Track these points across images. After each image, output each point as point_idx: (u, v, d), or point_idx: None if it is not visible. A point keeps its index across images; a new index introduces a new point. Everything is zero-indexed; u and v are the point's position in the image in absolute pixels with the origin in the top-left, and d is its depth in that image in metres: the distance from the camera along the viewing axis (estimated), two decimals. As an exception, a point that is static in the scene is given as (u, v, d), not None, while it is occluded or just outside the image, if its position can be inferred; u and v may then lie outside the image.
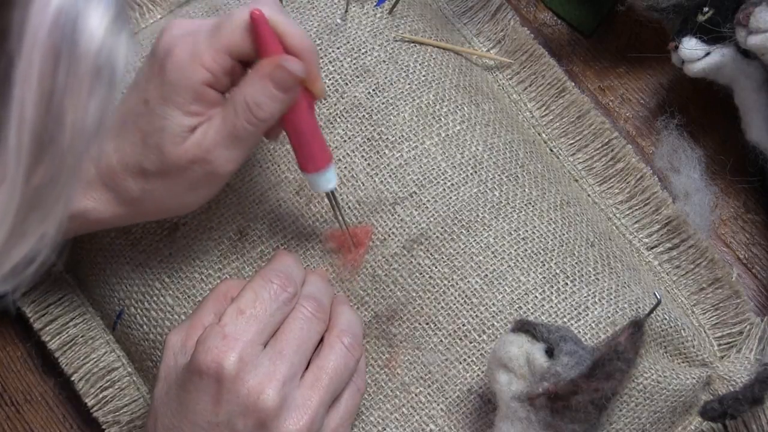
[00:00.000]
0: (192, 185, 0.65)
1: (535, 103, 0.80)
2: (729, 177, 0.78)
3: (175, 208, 0.68)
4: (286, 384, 0.62)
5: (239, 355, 0.61)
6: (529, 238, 0.71)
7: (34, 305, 0.76)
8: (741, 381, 0.71)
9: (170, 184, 0.64)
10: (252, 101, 0.62)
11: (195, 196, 0.66)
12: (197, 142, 0.63)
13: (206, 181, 0.65)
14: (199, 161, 0.63)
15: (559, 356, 0.61)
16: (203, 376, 0.61)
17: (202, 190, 0.66)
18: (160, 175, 0.64)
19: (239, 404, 0.61)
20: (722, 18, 0.72)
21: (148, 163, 0.64)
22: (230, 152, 0.63)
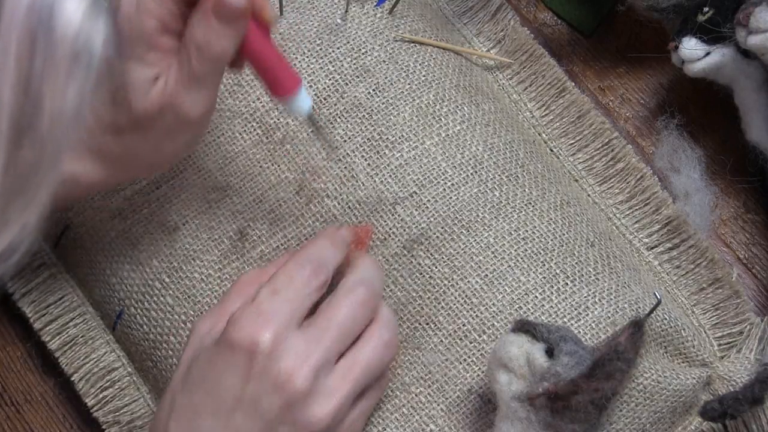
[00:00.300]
0: (167, 133, 0.64)
1: (535, 103, 0.80)
2: (729, 177, 0.78)
3: (159, 161, 0.67)
4: (319, 369, 0.61)
5: (275, 332, 0.61)
6: (529, 238, 0.71)
7: (34, 305, 0.76)
8: (741, 381, 0.71)
9: (146, 136, 0.64)
10: (201, 41, 0.61)
11: (173, 145, 0.65)
12: (160, 90, 0.62)
13: (180, 128, 0.64)
14: (166, 108, 0.63)
15: (559, 356, 0.61)
16: (235, 350, 0.60)
17: (179, 137, 0.65)
18: (134, 128, 0.63)
19: (269, 382, 0.60)
20: (722, 18, 0.72)
21: (121, 118, 0.63)
22: (195, 94, 0.63)
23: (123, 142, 0.64)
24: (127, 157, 0.65)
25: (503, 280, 0.70)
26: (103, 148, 0.64)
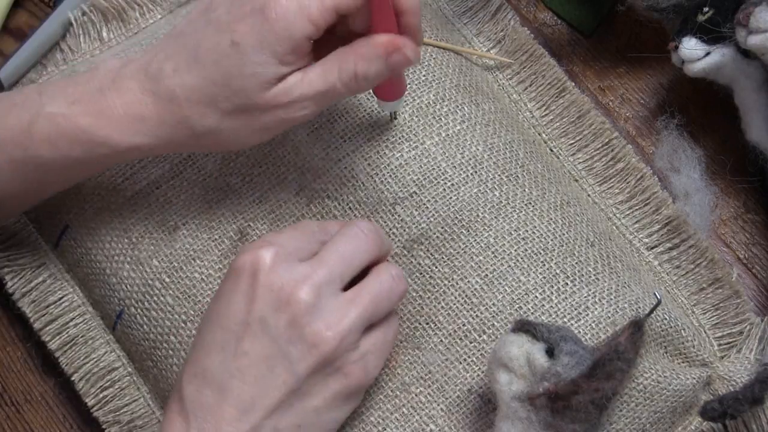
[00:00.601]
0: (263, 128, 0.64)
1: (535, 103, 0.80)
2: (729, 177, 0.78)
3: (236, 145, 0.67)
4: (322, 286, 0.61)
5: (275, 252, 0.61)
6: (529, 238, 0.71)
7: (34, 305, 0.76)
8: (741, 381, 0.71)
9: (243, 125, 0.64)
10: (362, 73, 0.63)
11: (259, 137, 0.66)
12: (286, 90, 0.63)
13: (278, 126, 0.65)
14: (283, 107, 0.63)
15: (560, 356, 0.61)
16: (240, 273, 0.61)
17: (271, 133, 0.66)
18: (237, 114, 0.63)
19: (273, 298, 0.60)
20: (722, 18, 0.72)
21: (226, 102, 0.63)
22: (314, 107, 0.64)
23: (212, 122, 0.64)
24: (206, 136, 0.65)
25: (503, 280, 0.70)
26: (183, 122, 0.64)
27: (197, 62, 0.63)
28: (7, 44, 0.85)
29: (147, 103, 0.64)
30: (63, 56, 0.82)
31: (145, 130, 0.64)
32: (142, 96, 0.64)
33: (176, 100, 0.63)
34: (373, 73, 0.63)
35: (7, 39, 0.85)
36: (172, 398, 0.63)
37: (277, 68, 0.62)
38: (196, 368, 0.62)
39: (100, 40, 0.82)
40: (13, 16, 0.85)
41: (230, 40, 0.62)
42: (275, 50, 0.61)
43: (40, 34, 0.81)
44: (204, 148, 0.69)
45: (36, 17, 0.85)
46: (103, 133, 0.64)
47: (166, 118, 0.64)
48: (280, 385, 0.61)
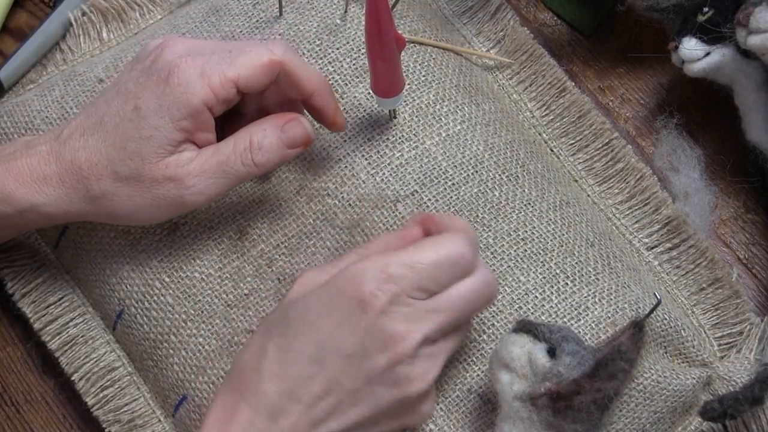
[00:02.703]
0: (156, 202, 0.66)
1: (535, 103, 0.80)
2: (729, 177, 0.79)
3: (129, 218, 0.68)
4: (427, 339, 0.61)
5: (392, 296, 0.60)
6: (529, 239, 0.71)
7: (34, 305, 0.76)
8: (741, 381, 0.71)
9: (135, 194, 0.65)
10: (256, 142, 0.65)
11: (152, 214, 0.67)
12: (180, 162, 0.65)
13: (171, 204, 0.66)
14: (175, 181, 0.64)
15: (561, 356, 0.61)
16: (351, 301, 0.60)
17: (163, 210, 0.66)
18: (130, 181, 0.65)
19: (379, 339, 0.60)
20: (722, 18, 0.72)
21: (123, 167, 0.65)
22: (208, 183, 0.65)
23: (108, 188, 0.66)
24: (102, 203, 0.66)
25: (503, 280, 0.70)
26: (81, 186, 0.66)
27: (102, 126, 0.66)
28: (7, 44, 0.85)
29: (51, 163, 0.66)
30: (63, 56, 0.82)
31: (46, 189, 0.66)
32: (48, 157, 0.66)
33: (77, 161, 0.66)
34: (267, 143, 0.65)
35: (7, 39, 0.85)
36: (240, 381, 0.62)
37: (172, 133, 0.64)
38: (282, 371, 0.61)
39: (100, 40, 0.82)
40: (13, 16, 0.85)
41: (133, 106, 0.65)
42: (173, 114, 0.64)
43: (40, 34, 0.82)
44: (101, 216, 0.69)
45: (36, 17, 0.85)
46: (5, 190, 0.66)
47: (66, 179, 0.66)
48: (358, 416, 0.61)
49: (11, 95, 0.81)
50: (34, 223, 0.70)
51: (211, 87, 0.64)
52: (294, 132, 0.66)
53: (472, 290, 0.62)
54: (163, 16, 0.83)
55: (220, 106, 0.65)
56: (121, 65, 0.77)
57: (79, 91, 0.76)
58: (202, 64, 0.65)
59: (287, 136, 0.66)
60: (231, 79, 0.64)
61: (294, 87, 0.67)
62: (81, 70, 0.78)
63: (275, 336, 0.62)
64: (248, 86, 0.65)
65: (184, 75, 0.64)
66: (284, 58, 0.65)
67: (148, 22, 0.83)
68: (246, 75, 0.65)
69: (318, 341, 0.60)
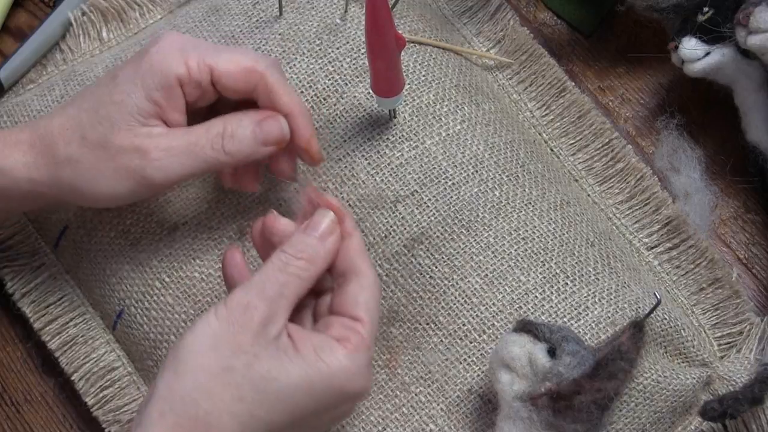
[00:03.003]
0: (118, 173, 0.65)
1: (535, 103, 0.80)
2: (729, 177, 0.79)
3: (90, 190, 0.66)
4: None
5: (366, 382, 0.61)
6: (529, 238, 0.71)
7: (34, 305, 0.76)
8: (741, 381, 0.71)
9: (99, 161, 0.65)
10: (229, 131, 0.65)
11: (113, 186, 0.66)
12: (150, 134, 0.64)
13: (132, 177, 0.65)
14: (140, 152, 0.64)
15: (562, 356, 0.61)
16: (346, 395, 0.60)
17: (123, 184, 0.65)
18: (96, 147, 0.65)
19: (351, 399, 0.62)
20: (722, 18, 0.72)
21: (91, 131, 0.65)
22: (173, 161, 0.64)
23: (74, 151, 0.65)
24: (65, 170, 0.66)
25: (503, 279, 0.70)
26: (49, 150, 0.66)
27: (81, 95, 0.67)
28: (7, 44, 0.85)
29: (24, 130, 0.67)
30: (63, 56, 0.82)
31: (15, 154, 0.66)
32: (24, 126, 0.67)
33: (50, 126, 0.66)
34: (240, 134, 0.65)
35: (7, 39, 0.85)
36: None
37: (142, 101, 0.64)
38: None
39: (100, 40, 0.82)
40: (13, 16, 0.85)
41: (113, 75, 0.66)
42: (146, 82, 0.64)
43: (40, 34, 0.82)
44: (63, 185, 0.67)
45: (36, 17, 0.85)
46: None
47: (36, 143, 0.66)
48: None
49: (11, 95, 0.81)
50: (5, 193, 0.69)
51: (187, 64, 0.64)
52: (270, 128, 0.65)
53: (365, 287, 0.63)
54: (163, 15, 0.83)
55: (192, 88, 0.65)
56: None
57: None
58: (184, 43, 0.65)
59: (262, 131, 0.65)
60: (208, 64, 0.65)
61: (271, 104, 0.66)
62: (81, 70, 0.78)
63: None
64: (223, 82, 0.65)
65: (164, 47, 0.65)
66: (266, 71, 0.65)
67: (148, 22, 0.83)
68: (224, 69, 0.65)
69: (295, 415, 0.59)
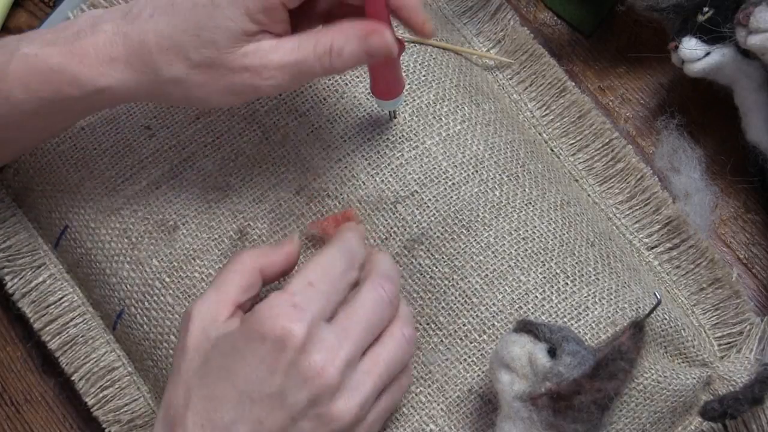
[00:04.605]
0: (229, 89, 0.64)
1: (535, 103, 0.80)
2: (729, 177, 0.79)
3: (200, 103, 0.66)
4: (348, 365, 0.60)
5: (308, 326, 0.59)
6: (529, 238, 0.71)
7: (34, 305, 0.76)
8: (741, 381, 0.71)
9: (209, 81, 0.63)
10: (336, 47, 0.62)
11: (224, 99, 0.65)
12: (260, 53, 0.63)
13: (244, 91, 0.64)
14: (252, 71, 0.63)
15: (562, 356, 0.61)
16: (265, 340, 0.59)
17: (235, 96, 0.65)
18: (203, 68, 0.63)
19: (299, 376, 0.59)
20: (722, 18, 0.72)
21: (196, 54, 0.63)
22: (284, 78, 0.63)
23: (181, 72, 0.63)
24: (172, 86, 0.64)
25: (503, 279, 0.70)
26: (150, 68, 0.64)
27: (174, 9, 0.63)
28: (7, 44, 0.85)
29: (117, 44, 0.64)
30: (63, 56, 0.82)
31: (112, 72, 0.64)
32: (114, 37, 0.64)
33: (146, 44, 0.63)
34: (348, 51, 0.62)
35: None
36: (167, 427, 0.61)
37: (246, 24, 0.62)
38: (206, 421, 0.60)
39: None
40: (13, 16, 0.85)
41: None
42: (247, 6, 0.62)
43: (39, 34, 0.81)
44: (171, 100, 0.68)
45: (36, 17, 0.85)
46: (71, 72, 0.64)
47: (134, 62, 0.64)
48: None
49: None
50: (101, 106, 0.69)
51: None
52: (377, 44, 0.62)
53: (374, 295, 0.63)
54: (163, 15, 0.83)
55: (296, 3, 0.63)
56: None
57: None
58: None
59: (370, 46, 0.63)
60: None
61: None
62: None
63: (196, 388, 0.61)
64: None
65: None
66: None
67: (148, 22, 0.83)
68: None
69: (239, 386, 0.59)
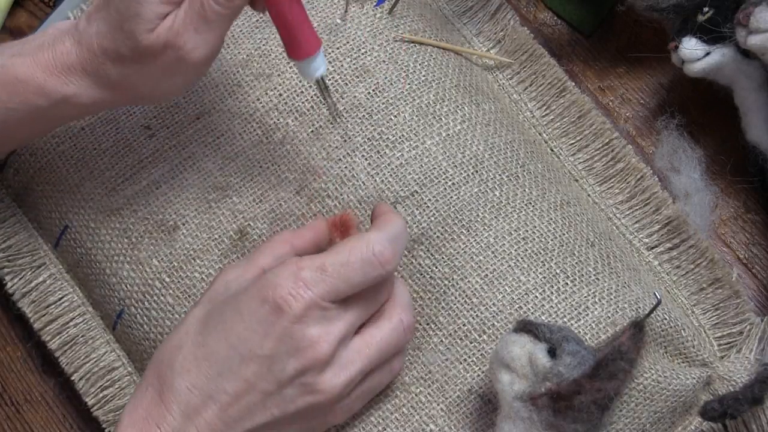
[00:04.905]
0: (165, 71, 0.65)
1: (535, 103, 0.80)
2: (729, 177, 0.79)
3: (154, 95, 0.68)
4: (341, 341, 0.62)
5: (307, 303, 0.60)
6: (529, 238, 0.71)
7: (34, 305, 0.76)
8: (741, 381, 0.71)
9: (145, 70, 0.65)
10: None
11: (170, 83, 0.66)
12: (168, 26, 0.63)
13: (179, 68, 0.65)
14: (170, 46, 0.63)
15: (562, 356, 0.61)
16: (265, 305, 0.60)
17: (177, 77, 0.66)
18: (135, 60, 0.64)
19: (291, 345, 0.60)
20: (722, 18, 0.72)
21: (124, 48, 0.64)
22: (200, 36, 0.63)
23: (120, 70, 0.65)
24: (122, 86, 0.66)
25: (503, 279, 0.70)
26: (101, 72, 0.65)
27: (107, 7, 0.65)
28: (7, 44, 0.85)
29: (72, 53, 0.66)
30: (63, 56, 0.82)
31: (74, 80, 0.66)
32: (71, 47, 0.66)
33: (92, 48, 0.65)
34: None
35: (7, 39, 0.85)
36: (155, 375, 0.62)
37: (156, 6, 0.63)
38: (194, 367, 0.61)
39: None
40: (13, 16, 0.85)
41: None
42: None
43: (40, 34, 0.81)
44: (132, 100, 0.69)
45: (36, 17, 0.85)
46: (36, 82, 0.65)
47: (87, 67, 0.65)
48: (267, 416, 0.62)
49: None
50: (71, 115, 0.70)
51: None
52: None
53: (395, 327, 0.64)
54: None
55: None
56: None
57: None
58: None
59: None
60: None
61: None
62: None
63: (192, 333, 0.62)
64: None
65: None
66: None
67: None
68: None
69: (232, 341, 0.61)
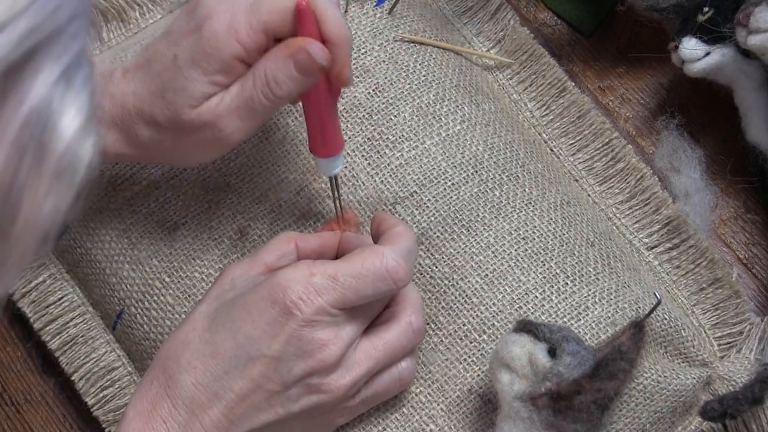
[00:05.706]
0: (199, 146, 0.66)
1: (535, 103, 0.80)
2: (729, 177, 0.79)
3: (182, 161, 0.70)
4: (349, 344, 0.62)
5: (317, 308, 0.61)
6: (529, 238, 0.71)
7: (34, 305, 0.76)
8: (741, 381, 0.71)
9: (178, 141, 0.65)
10: (271, 77, 0.63)
11: (201, 156, 0.68)
12: (212, 107, 0.64)
13: (213, 145, 0.65)
14: (210, 126, 0.64)
15: (562, 356, 0.61)
16: (275, 305, 0.61)
17: (209, 151, 0.67)
18: (170, 130, 0.65)
19: (299, 347, 0.61)
20: (722, 18, 0.72)
21: (161, 116, 0.64)
22: (242, 122, 0.64)
23: (153, 135, 0.65)
24: (151, 149, 0.66)
25: (503, 279, 0.70)
26: (131, 131, 0.66)
27: (147, 69, 0.65)
28: (7, 44, 0.84)
29: (103, 106, 0.66)
30: (63, 56, 0.82)
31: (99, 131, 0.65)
32: (102, 98, 0.66)
33: (126, 106, 0.65)
34: (282, 76, 0.63)
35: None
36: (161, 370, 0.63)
37: (205, 87, 0.63)
38: (200, 364, 0.62)
39: (100, 40, 0.82)
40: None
41: (173, 54, 0.64)
42: (205, 68, 0.63)
43: (40, 35, 0.81)
44: (158, 159, 0.70)
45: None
46: None
47: (118, 122, 0.66)
48: (272, 415, 0.62)
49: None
50: None
51: (239, 41, 0.63)
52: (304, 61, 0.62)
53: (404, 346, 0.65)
54: (164, 15, 0.83)
55: (254, 55, 0.64)
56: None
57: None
58: (231, 16, 0.63)
59: (299, 64, 0.62)
60: (258, 27, 0.63)
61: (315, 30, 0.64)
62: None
63: (199, 329, 0.63)
64: (279, 31, 0.63)
65: (213, 28, 0.63)
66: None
67: (148, 22, 0.83)
68: (273, 21, 0.63)
69: (240, 341, 0.61)
